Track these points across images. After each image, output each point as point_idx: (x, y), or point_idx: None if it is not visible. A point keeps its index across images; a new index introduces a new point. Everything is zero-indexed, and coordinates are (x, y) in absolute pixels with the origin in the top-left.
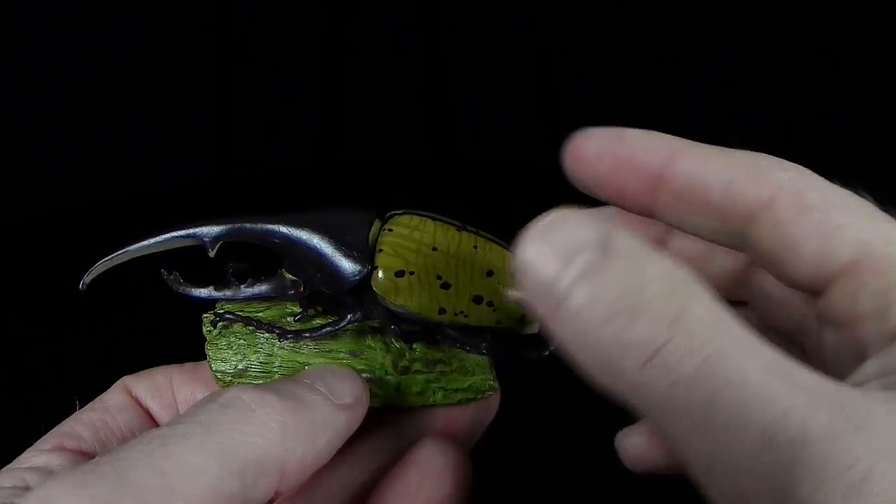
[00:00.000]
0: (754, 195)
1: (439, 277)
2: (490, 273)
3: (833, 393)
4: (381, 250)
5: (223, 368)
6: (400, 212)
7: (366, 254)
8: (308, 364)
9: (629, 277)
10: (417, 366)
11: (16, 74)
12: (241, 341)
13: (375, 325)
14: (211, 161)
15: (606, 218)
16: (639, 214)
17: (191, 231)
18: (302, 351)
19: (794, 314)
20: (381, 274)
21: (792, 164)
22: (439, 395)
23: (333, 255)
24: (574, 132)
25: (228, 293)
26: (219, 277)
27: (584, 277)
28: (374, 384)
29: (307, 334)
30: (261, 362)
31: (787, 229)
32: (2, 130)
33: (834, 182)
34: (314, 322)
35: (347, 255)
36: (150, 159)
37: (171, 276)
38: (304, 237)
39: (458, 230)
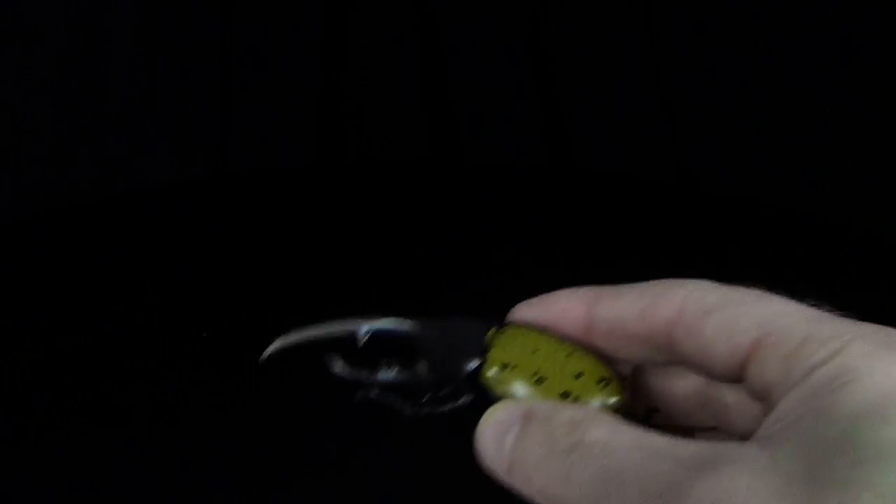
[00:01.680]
0: (664, 315)
1: (535, 374)
2: (579, 375)
3: (689, 458)
4: (493, 347)
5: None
6: (512, 323)
7: (481, 351)
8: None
9: (543, 431)
10: None
11: (16, 74)
12: None
13: None
14: (211, 161)
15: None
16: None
17: (351, 327)
18: None
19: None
20: (489, 366)
21: (692, 280)
22: None
23: (457, 350)
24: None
25: (381, 377)
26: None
27: (512, 449)
28: None
29: (436, 411)
30: None
31: (698, 334)
32: (1, 130)
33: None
34: (436, 409)
35: (467, 352)
36: (150, 159)
37: (335, 360)
38: (437, 335)
39: (558, 341)
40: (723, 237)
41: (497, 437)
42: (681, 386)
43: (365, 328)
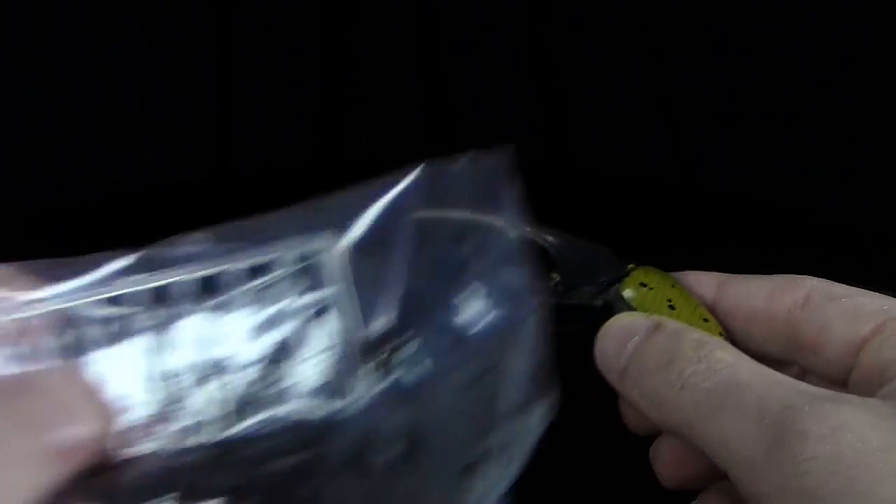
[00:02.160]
0: (791, 299)
1: (669, 300)
2: (707, 320)
3: (810, 390)
4: (634, 268)
5: None
6: (655, 270)
7: (623, 270)
8: None
9: (670, 341)
10: None
11: (15, 74)
12: None
13: None
14: (211, 161)
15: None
16: None
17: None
18: None
19: None
20: (629, 280)
21: (816, 278)
22: None
23: (601, 264)
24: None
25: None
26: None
27: (634, 352)
28: None
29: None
30: None
31: (821, 317)
32: (1, 131)
33: None
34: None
35: (610, 268)
36: (150, 159)
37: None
38: (575, 256)
39: (695, 302)
40: (724, 237)
41: (621, 340)
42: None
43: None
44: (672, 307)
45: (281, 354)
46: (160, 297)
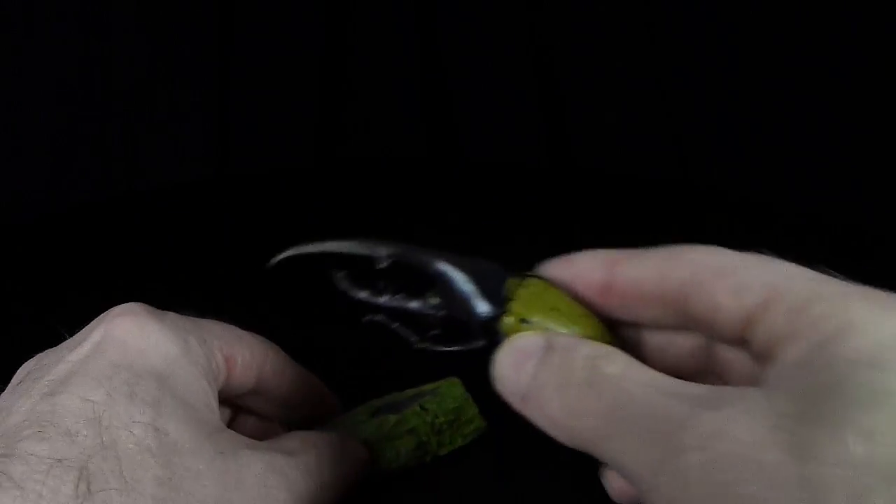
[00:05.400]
0: (679, 276)
1: (550, 331)
2: (590, 337)
3: (692, 396)
4: (515, 300)
5: None
6: (533, 275)
7: (501, 300)
8: (384, 448)
9: (563, 362)
10: (444, 426)
11: (15, 74)
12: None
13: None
14: (211, 161)
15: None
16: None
17: (370, 248)
18: (377, 442)
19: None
20: (510, 318)
21: (705, 246)
22: (458, 440)
23: (477, 294)
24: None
25: (383, 300)
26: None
27: (531, 376)
28: (425, 448)
29: (444, 349)
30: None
31: (710, 294)
32: (1, 131)
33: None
34: (445, 347)
35: (487, 298)
36: (151, 159)
37: (341, 275)
38: (457, 274)
39: (574, 302)
40: (724, 237)
41: (517, 364)
42: (685, 347)
43: (386, 252)
44: (554, 310)
45: None
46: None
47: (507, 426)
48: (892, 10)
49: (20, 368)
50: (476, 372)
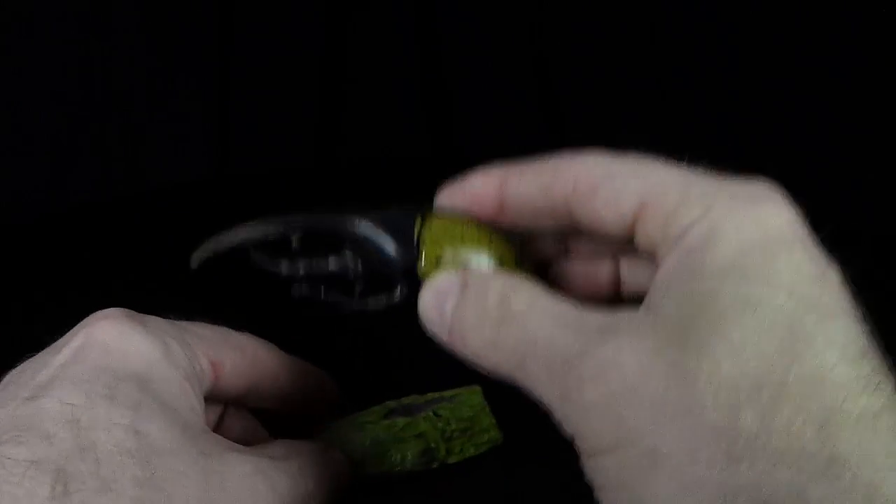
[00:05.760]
0: (561, 191)
1: (464, 263)
2: (502, 260)
3: (589, 326)
4: (425, 242)
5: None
6: (435, 211)
7: (413, 245)
8: (390, 450)
9: (478, 298)
10: (456, 433)
11: (15, 74)
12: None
13: (422, 413)
14: (211, 161)
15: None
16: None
17: (279, 224)
18: (384, 443)
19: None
20: (424, 260)
21: (585, 154)
22: (470, 450)
23: (389, 244)
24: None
25: (302, 267)
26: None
27: (452, 315)
28: (432, 454)
29: (372, 303)
30: (357, 457)
31: (590, 207)
32: (1, 131)
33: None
34: (372, 301)
35: (399, 245)
36: (151, 159)
37: (257, 254)
38: (367, 229)
39: (478, 226)
40: None
41: (438, 304)
42: (604, 272)
43: (297, 224)
44: (463, 241)
45: None
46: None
47: (524, 441)
48: (893, 10)
49: (7, 375)
50: (500, 383)
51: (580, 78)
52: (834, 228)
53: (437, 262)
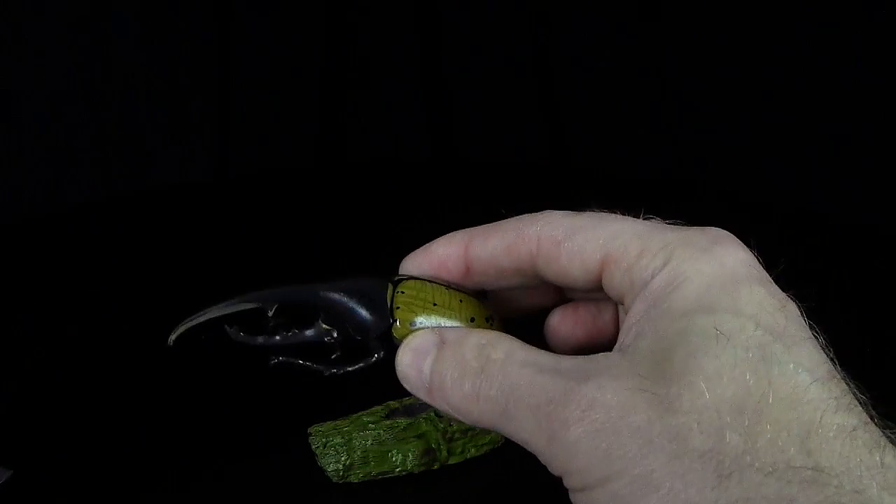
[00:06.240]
0: (526, 250)
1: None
2: (473, 319)
3: (568, 372)
4: (398, 307)
5: (335, 468)
6: (405, 278)
7: (387, 311)
8: (392, 451)
9: (456, 354)
10: (457, 434)
11: (15, 74)
12: (341, 447)
13: (423, 413)
14: (211, 161)
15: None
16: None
17: (254, 299)
18: (385, 443)
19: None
20: (399, 324)
21: (546, 212)
22: (471, 451)
23: (363, 312)
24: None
25: (278, 339)
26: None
27: (430, 372)
28: (433, 455)
29: (349, 369)
30: (359, 456)
31: (556, 262)
32: (1, 131)
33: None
34: (349, 367)
35: (373, 313)
36: (152, 160)
37: (232, 329)
38: (340, 299)
39: (447, 289)
40: None
41: (416, 363)
42: (582, 316)
43: (269, 298)
44: (435, 304)
45: None
46: None
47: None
48: (893, 10)
49: None
50: None
51: (580, 79)
52: (839, 229)
53: (411, 326)
